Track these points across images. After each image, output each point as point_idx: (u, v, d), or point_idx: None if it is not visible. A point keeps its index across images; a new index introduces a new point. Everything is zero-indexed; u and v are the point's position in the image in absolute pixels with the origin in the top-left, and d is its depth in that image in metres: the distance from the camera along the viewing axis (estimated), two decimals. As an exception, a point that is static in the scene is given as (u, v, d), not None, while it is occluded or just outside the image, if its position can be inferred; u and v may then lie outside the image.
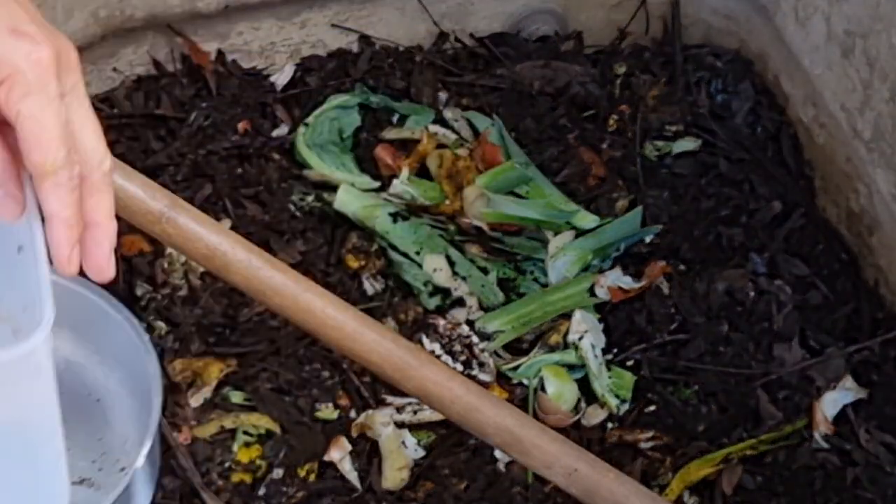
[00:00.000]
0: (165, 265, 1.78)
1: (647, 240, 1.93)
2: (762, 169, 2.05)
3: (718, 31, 2.20)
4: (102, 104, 1.99)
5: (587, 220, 1.93)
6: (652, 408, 1.75)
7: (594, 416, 1.74)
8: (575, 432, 1.72)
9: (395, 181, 1.92)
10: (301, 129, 1.98)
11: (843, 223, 1.97)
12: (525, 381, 1.74)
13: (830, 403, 1.76)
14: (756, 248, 1.94)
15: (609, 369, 1.78)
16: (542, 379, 1.74)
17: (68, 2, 1.89)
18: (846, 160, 1.94)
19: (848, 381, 1.78)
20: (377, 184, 1.95)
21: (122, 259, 1.81)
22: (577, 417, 1.73)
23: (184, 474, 1.60)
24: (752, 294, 1.87)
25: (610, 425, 1.73)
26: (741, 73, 2.15)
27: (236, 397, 1.69)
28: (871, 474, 1.68)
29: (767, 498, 1.66)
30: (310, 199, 1.92)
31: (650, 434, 1.71)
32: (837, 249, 1.96)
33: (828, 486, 1.67)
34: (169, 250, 1.79)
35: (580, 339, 1.78)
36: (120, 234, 1.81)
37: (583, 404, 1.74)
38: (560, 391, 1.73)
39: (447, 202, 1.92)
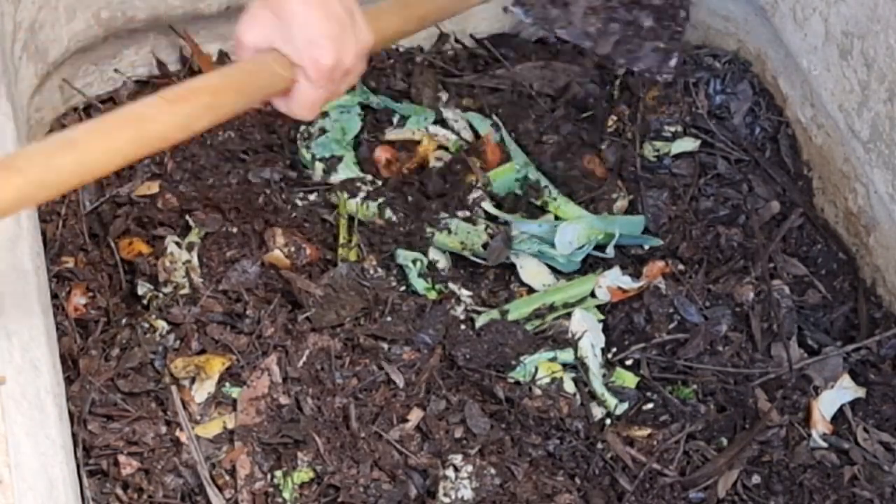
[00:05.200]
0: (167, 264, 1.78)
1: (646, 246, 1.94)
2: (760, 169, 2.06)
3: (717, 32, 2.21)
4: (104, 105, 2.00)
5: (591, 231, 1.93)
6: (650, 406, 1.76)
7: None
8: (575, 424, 1.72)
9: None
10: (302, 129, 1.99)
11: (840, 223, 1.98)
12: (521, 380, 1.75)
13: (828, 402, 1.77)
14: (754, 247, 1.95)
15: (611, 369, 1.79)
16: (536, 369, 1.75)
17: (70, 3, 1.90)
18: (844, 160, 1.95)
19: (846, 381, 1.79)
20: (379, 183, 1.95)
21: (122, 260, 1.82)
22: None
23: (187, 471, 1.61)
24: (750, 294, 1.87)
25: (608, 421, 1.74)
26: (740, 73, 2.16)
27: (237, 394, 1.69)
28: (869, 473, 1.69)
29: (766, 496, 1.67)
30: (312, 197, 1.92)
31: (647, 432, 1.72)
32: (835, 249, 1.97)
33: (826, 484, 1.68)
34: (170, 250, 1.80)
35: (579, 338, 1.78)
36: (119, 236, 1.84)
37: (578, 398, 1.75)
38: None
39: None
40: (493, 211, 1.94)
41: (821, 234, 1.99)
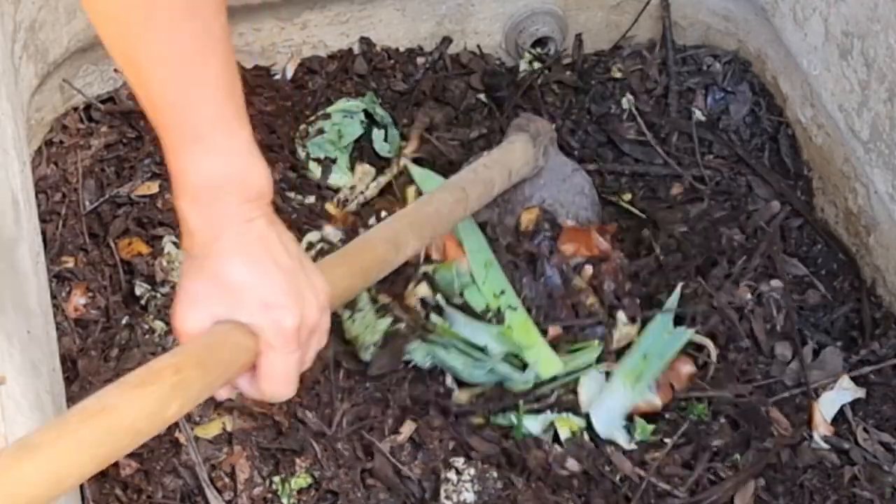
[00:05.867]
0: (164, 264, 1.78)
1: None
2: (760, 169, 2.06)
3: (717, 31, 2.21)
4: (104, 104, 2.00)
5: (550, 365, 1.70)
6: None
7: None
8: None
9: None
10: (301, 129, 1.99)
11: (841, 223, 1.98)
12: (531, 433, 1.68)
13: (829, 403, 1.77)
14: (754, 248, 1.94)
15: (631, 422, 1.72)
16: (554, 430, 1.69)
17: (70, 3, 1.89)
18: (844, 160, 1.95)
19: (846, 381, 1.78)
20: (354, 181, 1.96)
21: (122, 261, 1.81)
22: None
23: (187, 472, 1.60)
24: (749, 295, 1.87)
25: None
26: (740, 73, 2.16)
27: (234, 394, 1.69)
28: (869, 473, 1.69)
29: (767, 497, 1.66)
30: (311, 199, 1.92)
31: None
32: (835, 249, 1.97)
33: (826, 484, 1.68)
34: (168, 249, 1.80)
35: (592, 408, 1.70)
36: (118, 236, 1.84)
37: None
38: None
39: None
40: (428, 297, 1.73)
41: (821, 234, 1.99)
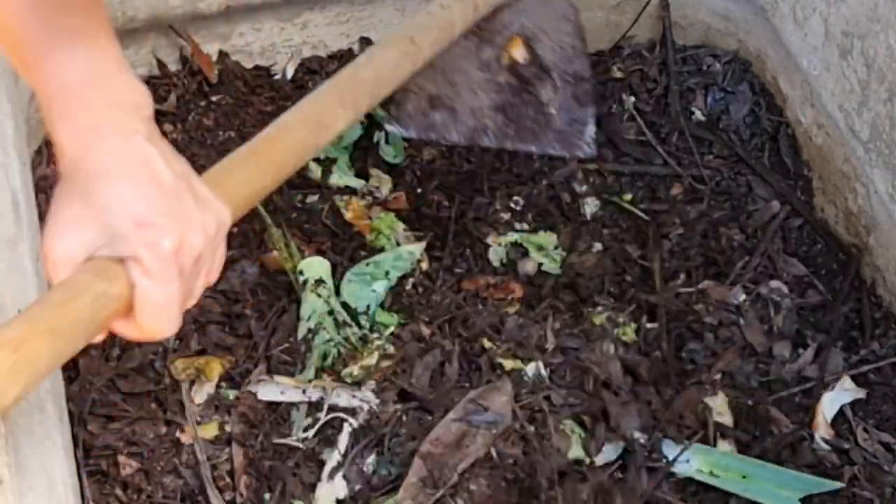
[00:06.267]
0: (166, 265, 1.78)
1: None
2: (760, 169, 2.06)
3: (717, 32, 2.21)
4: (104, 105, 2.00)
5: None
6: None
7: None
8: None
9: None
10: (302, 130, 1.99)
11: (840, 223, 1.98)
12: None
13: (829, 403, 1.77)
14: (754, 248, 1.94)
15: None
16: None
17: (70, 3, 1.89)
18: (844, 160, 1.95)
19: (846, 382, 1.78)
20: (369, 186, 1.95)
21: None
22: None
23: (187, 472, 1.60)
24: (750, 294, 1.87)
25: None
26: (740, 73, 2.16)
27: (234, 396, 1.69)
28: (869, 473, 1.69)
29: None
30: (314, 198, 1.93)
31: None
32: (835, 249, 1.97)
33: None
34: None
35: None
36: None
37: None
38: None
39: None
40: None
41: (821, 234, 1.99)
